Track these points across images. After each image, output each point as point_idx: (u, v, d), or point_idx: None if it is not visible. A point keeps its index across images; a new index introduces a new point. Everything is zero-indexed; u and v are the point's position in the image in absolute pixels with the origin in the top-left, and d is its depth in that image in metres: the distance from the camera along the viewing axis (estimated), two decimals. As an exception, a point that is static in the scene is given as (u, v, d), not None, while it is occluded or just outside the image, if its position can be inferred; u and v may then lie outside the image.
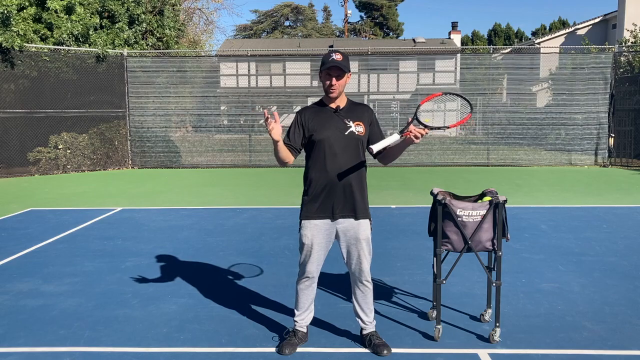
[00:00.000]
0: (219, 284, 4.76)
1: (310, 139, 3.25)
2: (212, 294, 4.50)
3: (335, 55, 3.16)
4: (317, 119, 3.25)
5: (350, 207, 3.25)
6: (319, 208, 3.24)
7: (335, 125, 3.23)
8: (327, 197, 3.22)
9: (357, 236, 3.27)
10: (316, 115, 3.28)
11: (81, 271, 5.21)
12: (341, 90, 3.23)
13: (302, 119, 3.28)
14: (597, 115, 14.62)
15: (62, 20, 13.82)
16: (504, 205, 3.45)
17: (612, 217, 7.58)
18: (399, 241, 6.26)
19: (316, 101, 3.37)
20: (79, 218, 7.74)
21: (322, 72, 3.19)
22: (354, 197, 3.24)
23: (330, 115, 3.26)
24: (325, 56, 3.20)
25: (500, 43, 43.98)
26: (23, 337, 3.68)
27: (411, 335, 3.64)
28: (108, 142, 14.53)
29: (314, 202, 3.24)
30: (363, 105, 3.41)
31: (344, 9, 46.88)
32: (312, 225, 3.26)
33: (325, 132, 3.21)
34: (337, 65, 3.12)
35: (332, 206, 3.23)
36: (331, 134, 3.20)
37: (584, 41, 20.87)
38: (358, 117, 3.28)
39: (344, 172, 3.20)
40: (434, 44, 28.80)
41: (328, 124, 3.23)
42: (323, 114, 3.27)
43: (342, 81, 3.19)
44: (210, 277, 4.98)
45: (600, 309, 4.10)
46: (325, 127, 3.22)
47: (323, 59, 3.20)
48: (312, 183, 3.25)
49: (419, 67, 17.56)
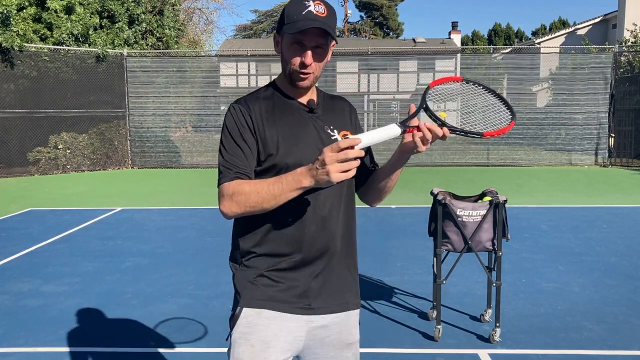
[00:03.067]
0: (219, 284, 4.75)
1: (268, 164, 1.63)
2: (212, 294, 4.49)
3: (315, 3, 1.58)
4: (281, 125, 1.65)
5: (338, 291, 1.73)
6: (282, 291, 1.67)
7: (314, 138, 1.66)
8: (299, 273, 1.67)
9: (343, 341, 1.75)
10: (277, 116, 1.67)
11: (81, 271, 5.20)
12: (318, 76, 1.67)
13: (252, 121, 1.64)
14: (597, 115, 14.62)
15: (62, 20, 13.81)
16: (504, 205, 3.45)
17: (612, 217, 7.58)
18: (399, 241, 6.25)
19: (263, 87, 1.75)
20: (78, 218, 7.74)
21: (287, 35, 1.59)
22: (344, 273, 1.74)
23: (302, 118, 1.68)
24: (293, 4, 1.60)
25: (500, 43, 43.98)
26: (23, 337, 3.67)
27: (411, 335, 3.64)
28: (108, 142, 14.53)
29: (272, 280, 1.67)
30: (341, 99, 1.86)
31: (344, 9, 46.89)
32: (264, 320, 1.66)
33: (298, 151, 1.63)
34: (321, 25, 1.55)
35: (306, 290, 1.68)
36: (309, 156, 1.55)
37: (584, 41, 20.88)
38: (343, 122, 1.77)
39: (332, 228, 1.68)
40: (434, 44, 28.81)
41: (302, 136, 1.65)
42: (289, 116, 1.67)
43: (324, 59, 1.64)
44: (210, 277, 4.98)
45: (600, 309, 4.10)
46: (299, 142, 1.64)
47: (288, 10, 1.60)
48: (266, 245, 1.67)
49: (419, 67, 17.55)
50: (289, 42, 1.59)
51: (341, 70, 16.68)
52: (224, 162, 1.63)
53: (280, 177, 1.51)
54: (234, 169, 1.61)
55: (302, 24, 1.55)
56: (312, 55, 1.59)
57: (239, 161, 1.62)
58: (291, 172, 1.50)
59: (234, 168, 1.61)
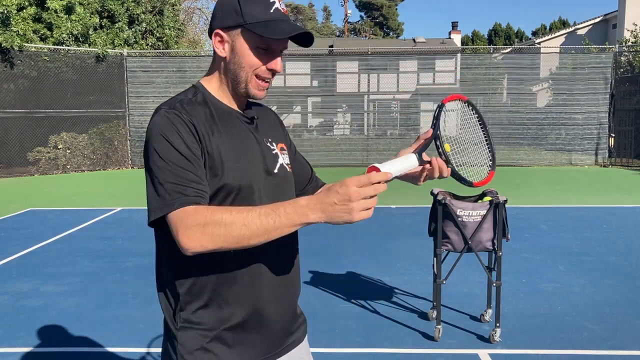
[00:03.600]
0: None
1: (214, 186, 1.31)
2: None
3: (280, 2, 1.36)
4: (226, 138, 1.35)
5: (294, 321, 1.51)
6: (245, 346, 1.37)
7: (258, 153, 1.40)
8: (258, 321, 1.38)
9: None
10: (221, 127, 1.35)
11: (81, 271, 5.20)
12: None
13: (197, 130, 1.30)
14: (597, 115, 14.62)
15: (61, 20, 13.81)
16: (504, 205, 3.45)
17: (612, 217, 7.58)
18: (399, 241, 6.25)
19: (188, 91, 1.40)
20: (78, 218, 7.74)
21: (253, 35, 1.32)
22: (296, 302, 1.53)
23: (243, 129, 1.40)
24: (258, 4, 1.32)
25: (500, 43, 43.97)
26: (23, 337, 3.67)
27: (411, 335, 3.64)
28: (108, 142, 14.53)
29: (230, 337, 1.35)
30: (266, 107, 1.59)
31: (344, 9, 46.90)
32: None
33: (247, 169, 1.36)
34: (306, 31, 1.34)
35: (269, 335, 1.42)
36: (256, 175, 1.37)
37: (584, 41, 20.87)
38: (277, 134, 1.53)
39: (283, 260, 1.44)
40: (434, 43, 28.80)
41: (248, 151, 1.38)
42: (232, 127, 1.37)
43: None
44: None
45: (600, 309, 4.09)
46: (247, 159, 1.37)
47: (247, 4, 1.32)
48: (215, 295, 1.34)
49: (419, 67, 17.54)
50: (254, 44, 1.32)
51: (341, 70, 16.68)
52: (172, 180, 1.22)
53: (275, 206, 1.20)
54: (190, 188, 1.22)
55: (284, 28, 1.31)
56: (280, 61, 1.37)
57: (195, 177, 1.24)
58: (290, 203, 1.20)
59: (190, 186, 1.22)
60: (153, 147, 1.26)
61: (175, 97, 1.37)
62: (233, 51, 1.34)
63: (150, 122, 1.32)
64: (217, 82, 1.40)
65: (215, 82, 1.40)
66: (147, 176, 1.27)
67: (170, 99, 1.37)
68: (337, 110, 16.95)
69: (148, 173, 1.27)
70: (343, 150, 15.55)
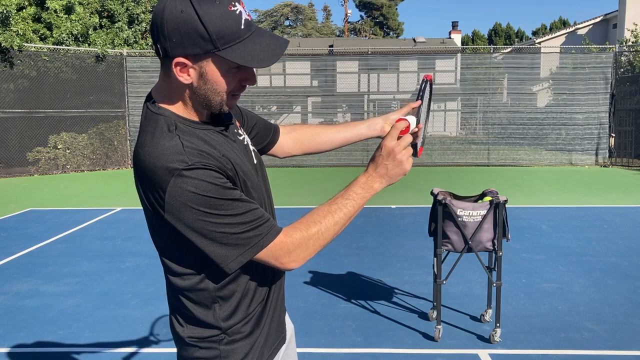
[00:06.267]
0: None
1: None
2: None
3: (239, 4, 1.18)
4: (235, 161, 1.29)
5: (282, 295, 1.59)
6: (269, 332, 1.45)
7: (243, 157, 1.36)
8: (275, 303, 1.49)
9: (293, 338, 1.68)
10: (230, 154, 1.28)
11: (81, 271, 5.20)
12: None
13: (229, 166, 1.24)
14: (597, 115, 14.62)
15: (61, 19, 13.81)
16: (504, 206, 3.44)
17: (613, 217, 7.57)
18: (399, 241, 6.25)
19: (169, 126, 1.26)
20: (78, 218, 7.74)
21: (225, 60, 1.17)
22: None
23: (227, 139, 1.34)
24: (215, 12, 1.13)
25: (500, 43, 43.97)
26: (23, 337, 3.67)
27: (411, 335, 3.63)
28: (107, 142, 14.53)
29: (260, 327, 1.41)
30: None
31: (344, 9, 46.90)
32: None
33: (255, 185, 1.35)
34: (284, 47, 1.25)
35: (279, 314, 1.52)
36: (257, 184, 1.38)
37: (584, 41, 20.86)
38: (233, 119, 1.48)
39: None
40: (434, 43, 28.80)
41: (249, 165, 1.37)
42: (228, 146, 1.31)
43: None
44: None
45: (600, 309, 4.09)
46: (253, 175, 1.37)
47: (215, 23, 1.13)
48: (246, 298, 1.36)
49: (419, 66, 17.54)
50: (227, 68, 1.19)
51: (341, 70, 16.68)
52: (252, 218, 1.19)
53: (345, 193, 1.29)
54: (268, 219, 1.23)
55: (265, 51, 1.18)
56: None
57: (257, 206, 1.23)
58: (353, 184, 1.30)
59: (265, 216, 1.23)
60: (207, 212, 1.16)
61: (162, 144, 1.21)
62: (202, 78, 1.20)
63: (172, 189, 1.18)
64: (182, 105, 1.27)
65: (180, 106, 1.27)
66: (203, 239, 1.18)
67: (165, 151, 1.19)
68: (337, 110, 16.94)
69: (204, 236, 1.18)
70: (343, 150, 15.52)
